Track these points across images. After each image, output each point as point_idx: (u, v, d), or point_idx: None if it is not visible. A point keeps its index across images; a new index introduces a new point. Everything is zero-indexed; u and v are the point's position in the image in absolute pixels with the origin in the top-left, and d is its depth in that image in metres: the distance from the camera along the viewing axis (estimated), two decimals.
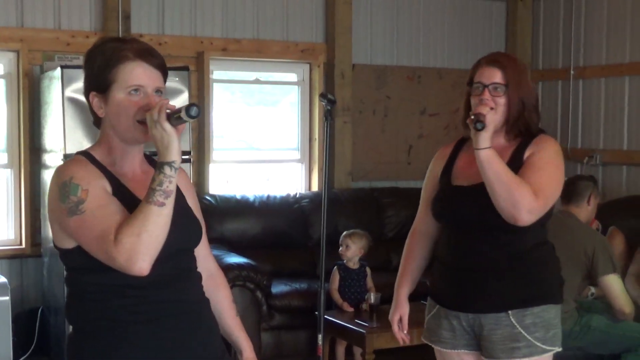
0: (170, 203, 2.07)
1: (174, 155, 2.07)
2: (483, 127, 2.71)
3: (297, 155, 7.07)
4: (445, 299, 2.98)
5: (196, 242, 2.36)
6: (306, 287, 5.86)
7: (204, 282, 2.39)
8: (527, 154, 2.84)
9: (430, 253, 3.14)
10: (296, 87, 7.04)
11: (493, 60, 2.87)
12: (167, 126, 2.06)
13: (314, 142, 7.01)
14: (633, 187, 6.70)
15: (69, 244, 2.17)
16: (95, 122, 2.28)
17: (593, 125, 7.07)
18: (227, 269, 5.57)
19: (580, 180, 4.58)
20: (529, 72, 2.89)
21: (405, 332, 3.14)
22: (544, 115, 7.45)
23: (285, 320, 5.75)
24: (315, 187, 7.00)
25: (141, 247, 2.01)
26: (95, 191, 2.11)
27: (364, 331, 4.88)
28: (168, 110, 2.08)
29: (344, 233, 5.60)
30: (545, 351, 2.86)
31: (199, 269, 2.38)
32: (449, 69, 7.44)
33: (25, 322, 5.66)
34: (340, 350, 5.46)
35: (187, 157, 5.50)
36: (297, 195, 6.67)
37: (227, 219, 6.32)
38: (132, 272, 2.04)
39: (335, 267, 5.47)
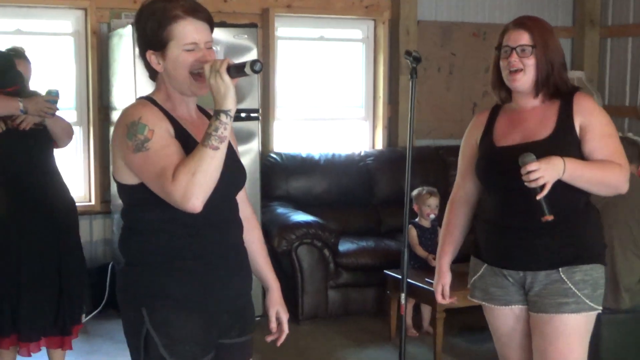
0: (223, 148, 2.21)
1: (230, 104, 2.21)
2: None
3: (362, 113, 7.03)
4: (495, 257, 2.99)
5: (241, 186, 2.54)
6: (373, 245, 5.87)
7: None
8: (577, 121, 2.86)
9: (470, 221, 3.18)
10: (361, 44, 6.98)
11: (519, 23, 2.94)
12: (226, 77, 2.20)
13: (378, 100, 6.95)
14: None
15: (131, 180, 2.33)
16: (151, 76, 2.44)
17: None
18: (294, 227, 5.59)
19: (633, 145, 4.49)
20: (556, 33, 2.98)
21: (447, 300, 3.24)
22: (613, 72, 7.34)
23: (352, 278, 5.78)
24: (379, 145, 6.96)
25: (195, 186, 2.17)
26: (160, 132, 2.26)
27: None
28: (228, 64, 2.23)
29: (420, 192, 5.57)
30: (592, 309, 2.89)
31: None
32: None
33: (95, 278, 5.74)
34: (409, 308, 5.45)
35: (255, 114, 5.50)
36: (362, 154, 6.64)
37: (293, 177, 6.33)
38: (186, 209, 2.19)
39: (410, 224, 5.43)
